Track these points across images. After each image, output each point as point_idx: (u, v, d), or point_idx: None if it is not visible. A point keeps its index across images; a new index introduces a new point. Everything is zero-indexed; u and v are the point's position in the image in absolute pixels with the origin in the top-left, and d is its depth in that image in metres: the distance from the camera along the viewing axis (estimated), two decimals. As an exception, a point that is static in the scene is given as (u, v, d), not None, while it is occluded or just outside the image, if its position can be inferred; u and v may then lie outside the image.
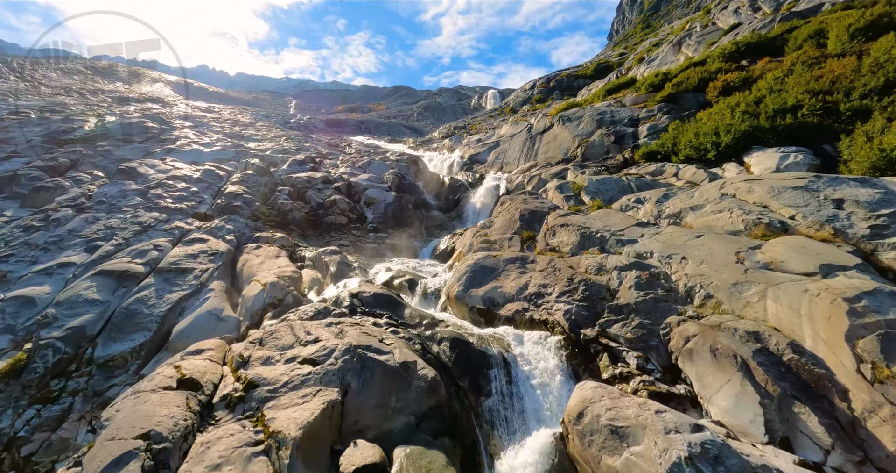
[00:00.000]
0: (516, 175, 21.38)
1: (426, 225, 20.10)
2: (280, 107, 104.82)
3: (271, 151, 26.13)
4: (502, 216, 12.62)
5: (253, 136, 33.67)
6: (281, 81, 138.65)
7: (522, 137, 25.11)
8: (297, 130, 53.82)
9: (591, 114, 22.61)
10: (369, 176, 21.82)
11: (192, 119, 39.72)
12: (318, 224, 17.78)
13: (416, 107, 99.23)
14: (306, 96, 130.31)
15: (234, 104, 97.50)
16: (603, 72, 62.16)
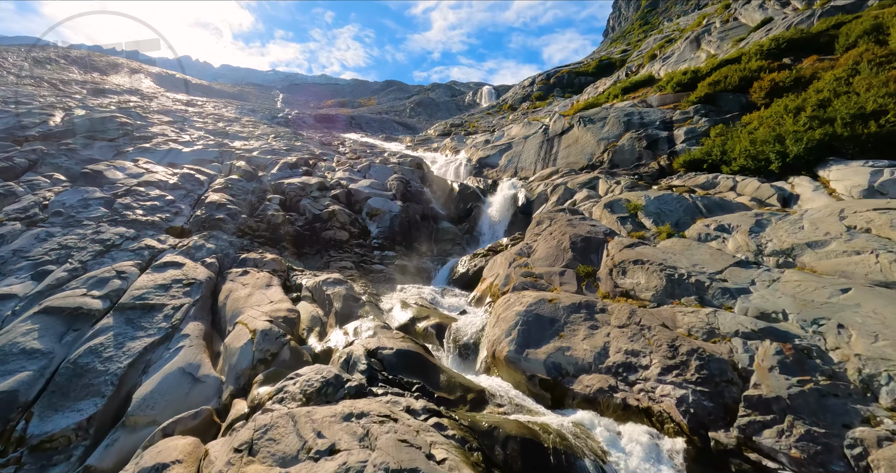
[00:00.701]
0: (536, 183, 19.24)
1: (436, 239, 17.88)
2: (267, 101, 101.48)
3: (259, 151, 23.63)
4: (545, 242, 10.45)
5: (238, 133, 31.09)
6: (267, 73, 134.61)
7: (538, 140, 22.97)
8: (285, 127, 51.30)
9: (617, 115, 20.54)
10: (371, 182, 19.51)
11: (172, 114, 37.02)
12: (314, 240, 15.45)
13: (409, 102, 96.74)
14: (294, 90, 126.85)
15: (219, 97, 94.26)
16: (605, 69, 60.35)
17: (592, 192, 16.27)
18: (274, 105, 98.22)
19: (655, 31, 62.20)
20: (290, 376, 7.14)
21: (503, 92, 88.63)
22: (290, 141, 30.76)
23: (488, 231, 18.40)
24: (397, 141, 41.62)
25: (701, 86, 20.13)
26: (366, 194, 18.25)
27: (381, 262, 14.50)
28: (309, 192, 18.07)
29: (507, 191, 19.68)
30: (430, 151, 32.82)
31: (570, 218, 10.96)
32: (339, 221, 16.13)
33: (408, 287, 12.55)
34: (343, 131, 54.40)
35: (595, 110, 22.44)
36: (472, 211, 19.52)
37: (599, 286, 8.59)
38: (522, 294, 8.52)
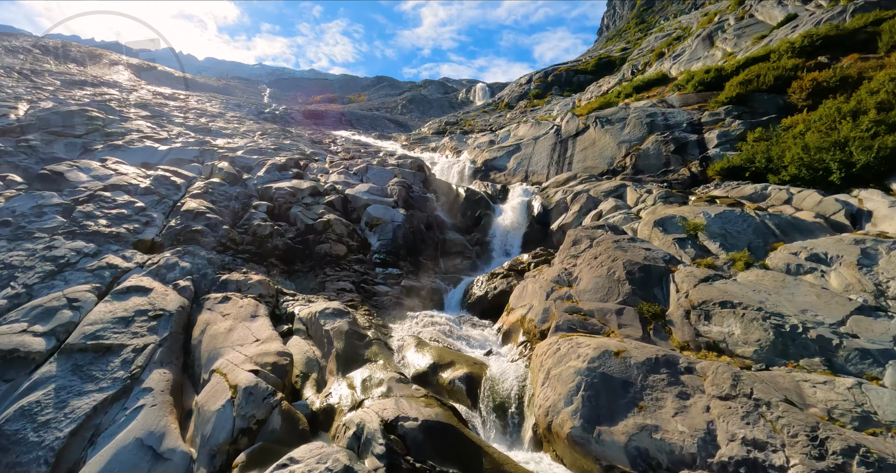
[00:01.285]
0: (552, 190, 17.53)
1: (443, 251, 16.09)
2: (253, 95, 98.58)
3: (244, 150, 21.59)
4: (590, 268, 8.72)
5: (222, 130, 28.93)
6: (254, 67, 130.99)
7: (549, 141, 21.28)
8: (272, 123, 49.09)
9: (638, 115, 18.92)
10: (369, 186, 17.62)
11: (151, 108, 34.68)
12: (307, 255, 13.55)
13: (400, 99, 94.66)
14: (282, 85, 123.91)
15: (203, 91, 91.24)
16: (605, 67, 58.96)
17: (620, 202, 14.61)
18: (261, 100, 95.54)
19: (656, 29, 61.00)
20: (281, 463, 5.33)
21: (497, 90, 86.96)
22: (278, 139, 28.69)
23: (500, 243, 16.66)
24: (391, 139, 39.66)
25: (729, 85, 18.60)
26: (364, 200, 16.37)
27: (384, 281, 12.66)
28: (300, 198, 16.14)
29: (520, 198, 17.95)
30: (428, 151, 30.98)
31: (616, 239, 9.26)
32: (335, 232, 14.25)
33: (419, 315, 10.73)
34: (333, 128, 52.25)
35: (612, 110, 20.82)
36: (481, 220, 17.75)
37: (673, 333, 6.89)
38: (576, 341, 6.79)
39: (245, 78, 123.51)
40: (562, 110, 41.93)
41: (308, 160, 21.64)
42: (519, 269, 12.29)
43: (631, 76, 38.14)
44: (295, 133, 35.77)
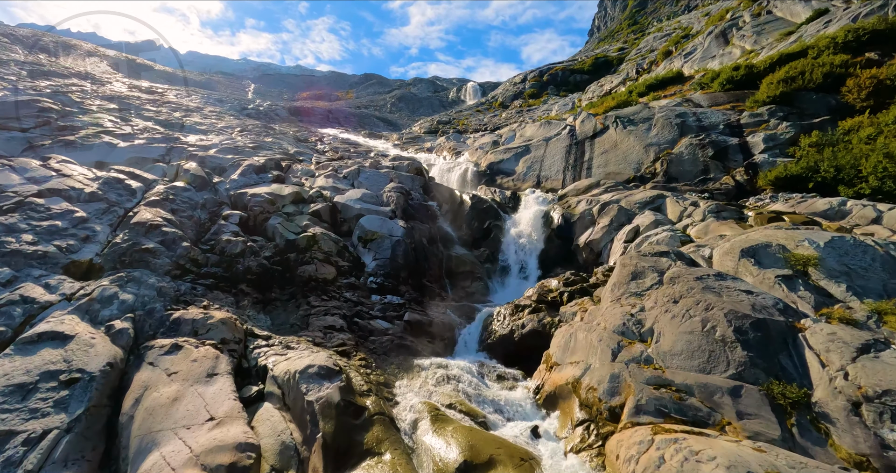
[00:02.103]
0: (573, 198, 15.24)
1: (450, 271, 13.69)
2: (237, 91, 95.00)
3: (218, 148, 18.88)
4: (672, 319, 6.38)
5: (196, 125, 26.11)
6: (238, 62, 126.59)
7: (563, 143, 18.99)
8: (255, 119, 46.25)
9: (665, 116, 16.72)
10: (362, 193, 15.10)
11: (121, 101, 31.60)
12: (287, 279, 11.02)
13: (389, 97, 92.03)
14: (267, 81, 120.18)
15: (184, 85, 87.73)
16: (602, 67, 57.13)
17: (659, 216, 12.36)
18: (245, 96, 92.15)
19: (654, 29, 59.39)
20: None
21: (489, 89, 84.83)
22: (259, 136, 25.96)
23: (516, 260, 14.32)
24: (382, 138, 37.08)
25: (767, 84, 16.53)
26: (356, 210, 13.86)
27: (383, 314, 10.19)
28: (280, 206, 13.57)
29: (535, 207, 15.63)
30: (423, 152, 28.52)
31: (699, 275, 6.94)
32: (321, 250, 11.73)
33: (429, 365, 8.31)
34: (320, 126, 49.45)
35: (633, 109, 18.62)
36: (490, 232, 15.38)
37: (833, 435, 4.57)
38: (686, 446, 4.44)
39: (229, 73, 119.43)
40: (561, 110, 39.83)
41: (291, 161, 19.03)
42: (549, 299, 9.93)
43: (636, 75, 36.17)
44: (278, 130, 33.01)
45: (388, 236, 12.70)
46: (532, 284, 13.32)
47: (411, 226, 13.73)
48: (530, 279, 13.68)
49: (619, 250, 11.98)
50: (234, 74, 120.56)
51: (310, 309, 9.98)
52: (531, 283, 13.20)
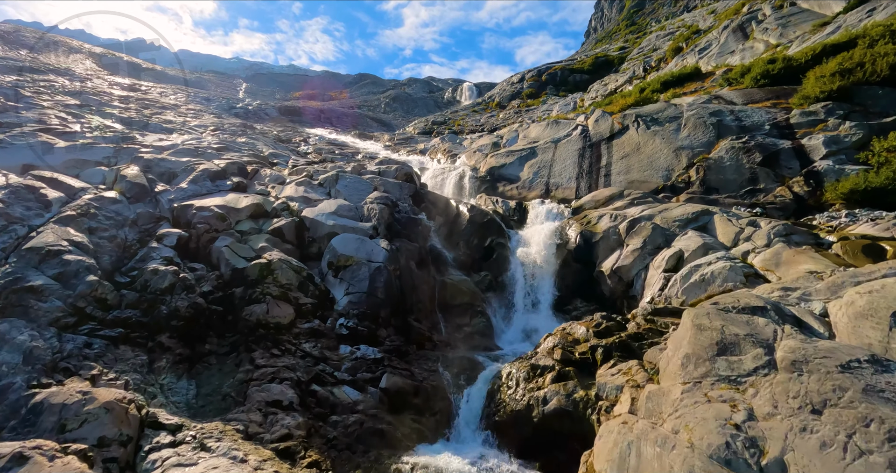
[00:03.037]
0: (592, 213, 12.55)
1: (443, 303, 10.97)
2: (228, 90, 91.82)
3: (175, 150, 16.01)
4: (825, 450, 3.76)
5: (164, 124, 23.23)
6: (230, 61, 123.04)
7: (575, 146, 16.31)
8: (243, 118, 43.52)
9: (697, 114, 14.09)
10: (338, 204, 12.33)
11: (87, 97, 28.63)
12: (228, 324, 8.26)
13: (384, 97, 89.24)
14: (259, 80, 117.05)
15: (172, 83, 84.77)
16: (602, 66, 54.60)
17: (707, 238, 9.70)
18: (235, 94, 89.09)
19: (657, 28, 56.96)
20: None
21: (485, 89, 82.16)
22: (232, 137, 23.10)
23: (524, 288, 11.63)
24: (373, 139, 34.28)
25: (815, 77, 13.95)
26: (328, 227, 11.09)
27: (352, 377, 7.42)
28: (234, 223, 10.79)
29: (547, 223, 12.95)
30: (416, 154, 25.76)
31: (844, 361, 4.25)
32: (277, 282, 8.97)
33: (411, 470, 5.63)
34: (311, 126, 46.59)
35: (656, 107, 15.98)
36: (493, 251, 12.67)
37: None
38: None
39: (221, 72, 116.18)
40: (562, 111, 37.21)
41: (261, 164, 16.22)
42: (578, 358, 7.21)
43: (643, 73, 33.61)
44: (259, 130, 30.15)
45: (367, 262, 9.95)
46: (545, 321, 10.64)
47: (397, 247, 10.99)
48: (542, 313, 11.00)
49: (658, 282, 9.32)
50: (226, 73, 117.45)
51: (252, 371, 7.20)
52: (544, 319, 10.53)
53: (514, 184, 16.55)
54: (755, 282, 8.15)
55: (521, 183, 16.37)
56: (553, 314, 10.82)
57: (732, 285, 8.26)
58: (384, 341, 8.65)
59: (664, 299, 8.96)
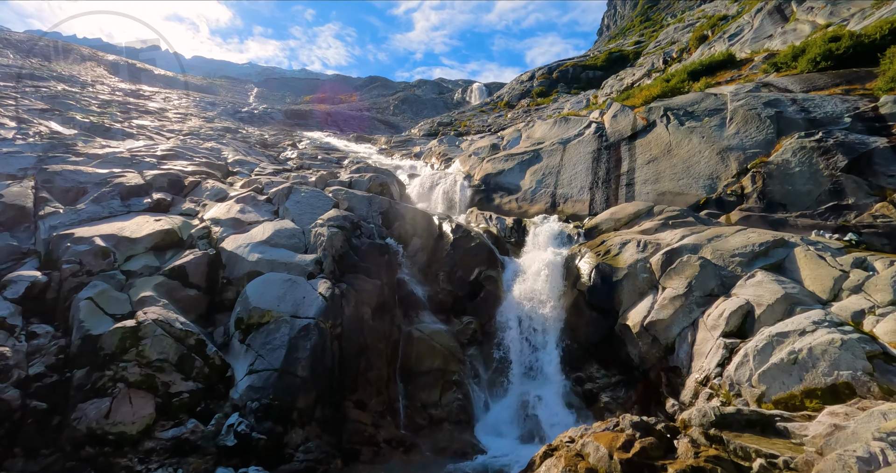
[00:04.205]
0: (612, 237, 9.18)
1: (406, 366, 7.81)
2: (239, 95, 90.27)
3: (105, 160, 13.14)
4: None
5: (128, 129, 20.56)
6: (243, 66, 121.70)
7: (588, 147, 12.95)
8: (248, 122, 41.41)
9: (748, 105, 10.61)
10: (276, 229, 9.22)
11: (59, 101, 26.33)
12: (49, 431, 5.28)
13: (393, 99, 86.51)
14: (271, 85, 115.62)
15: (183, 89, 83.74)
16: (616, 62, 50.73)
17: (789, 284, 6.31)
18: (245, 99, 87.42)
19: (675, 20, 52.91)
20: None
21: (495, 90, 78.67)
22: (204, 141, 20.27)
23: (520, 341, 8.37)
24: (370, 142, 31.30)
25: None
26: (250, 263, 7.98)
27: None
28: (121, 260, 7.77)
29: (551, 249, 9.67)
30: (410, 159, 22.62)
31: None
32: (143, 358, 5.87)
33: None
34: (313, 130, 43.91)
35: (690, 98, 12.54)
36: (481, 288, 9.45)
37: None
38: None
39: (233, 77, 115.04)
40: (574, 109, 33.73)
41: (210, 175, 13.25)
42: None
43: (664, 65, 29.90)
44: (243, 135, 27.36)
45: (290, 319, 6.82)
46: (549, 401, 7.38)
47: (344, 289, 7.84)
48: (544, 383, 7.74)
49: (716, 352, 6.01)
50: (239, 78, 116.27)
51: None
52: (547, 398, 7.27)
53: (512, 195, 13.24)
54: (889, 371, 4.82)
55: (522, 194, 13.06)
56: (562, 386, 7.53)
57: (850, 374, 4.92)
58: (295, 452, 5.51)
59: (729, 384, 5.64)
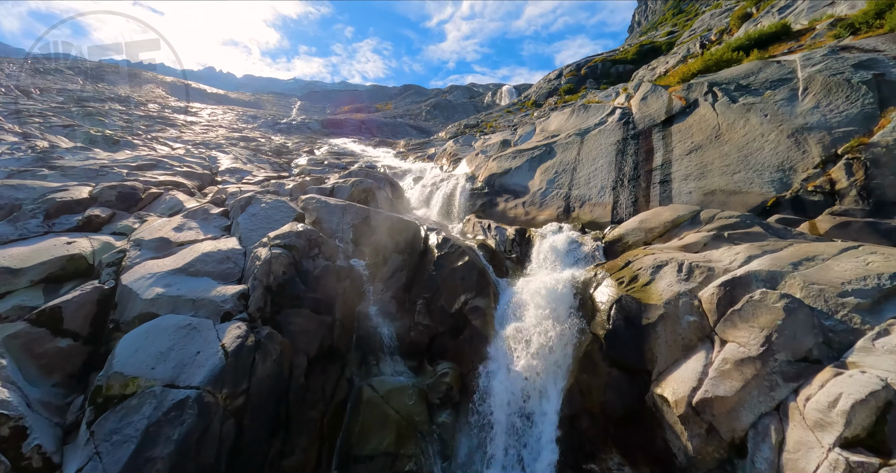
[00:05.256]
0: (640, 256, 6.26)
1: (346, 445, 5.33)
2: (283, 108, 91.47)
3: (67, 172, 11.44)
4: None
5: (136, 140, 19.28)
6: (288, 82, 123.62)
7: (611, 137, 9.94)
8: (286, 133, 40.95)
9: (829, 68, 7.25)
10: (202, 253, 6.93)
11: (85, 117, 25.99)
12: None
13: (425, 105, 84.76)
14: (313, 97, 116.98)
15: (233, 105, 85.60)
16: (648, 54, 46.12)
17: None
18: (289, 112, 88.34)
19: (710, 7, 47.65)
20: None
21: (524, 91, 75.10)
22: (207, 150, 18.64)
23: (508, 403, 5.67)
24: (390, 146, 29.11)
25: None
26: (144, 302, 5.70)
27: None
28: (-13, 299, 5.77)
29: (564, 272, 6.86)
30: (423, 161, 20.14)
31: None
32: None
33: None
34: (347, 136, 42.50)
35: (744, 69, 9.29)
36: (465, 323, 6.82)
37: None
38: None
39: (279, 92, 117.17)
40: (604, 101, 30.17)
41: (178, 187, 11.26)
42: None
43: (701, 50, 25.86)
44: (262, 142, 25.78)
45: (161, 391, 4.47)
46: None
47: (264, 337, 5.42)
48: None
49: None
50: (284, 93, 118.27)
51: None
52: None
53: (519, 198, 10.43)
54: None
55: (530, 197, 10.23)
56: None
57: None
58: None
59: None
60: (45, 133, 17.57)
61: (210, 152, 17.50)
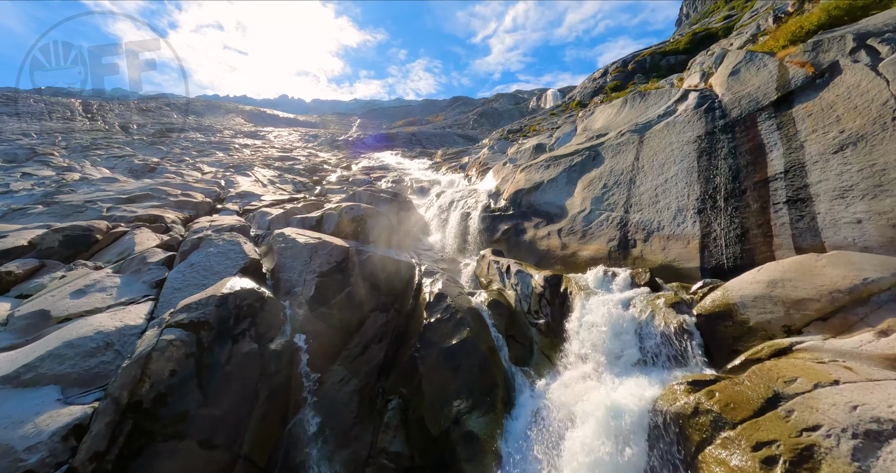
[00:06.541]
0: (795, 360, 2.79)
1: None
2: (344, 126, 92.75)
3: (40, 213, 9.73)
4: None
5: (172, 166, 18.02)
6: (349, 102, 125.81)
7: (688, 132, 6.24)
8: (343, 148, 40.57)
9: None
10: (81, 334, 4.45)
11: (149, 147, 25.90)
12: None
13: (472, 115, 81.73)
14: (371, 115, 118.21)
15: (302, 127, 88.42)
16: (703, 42, 39.39)
17: None
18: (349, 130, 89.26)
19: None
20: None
21: (569, 93, 69.46)
22: (230, 173, 16.85)
23: None
24: (428, 157, 26.34)
25: None
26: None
27: None
28: None
29: (624, 375, 3.51)
30: (454, 172, 17.05)
31: None
32: None
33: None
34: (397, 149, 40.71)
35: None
36: (452, 456, 3.70)
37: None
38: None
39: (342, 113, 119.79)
40: (655, 96, 25.30)
41: (156, 221, 9.12)
42: None
43: (774, 25, 20.40)
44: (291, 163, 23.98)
45: None
46: None
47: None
48: None
49: None
50: (346, 112, 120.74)
51: None
52: None
53: (553, 224, 7.00)
54: None
55: (569, 221, 6.80)
56: None
57: None
58: None
59: None
60: (97, 165, 16.70)
61: (232, 176, 15.64)
